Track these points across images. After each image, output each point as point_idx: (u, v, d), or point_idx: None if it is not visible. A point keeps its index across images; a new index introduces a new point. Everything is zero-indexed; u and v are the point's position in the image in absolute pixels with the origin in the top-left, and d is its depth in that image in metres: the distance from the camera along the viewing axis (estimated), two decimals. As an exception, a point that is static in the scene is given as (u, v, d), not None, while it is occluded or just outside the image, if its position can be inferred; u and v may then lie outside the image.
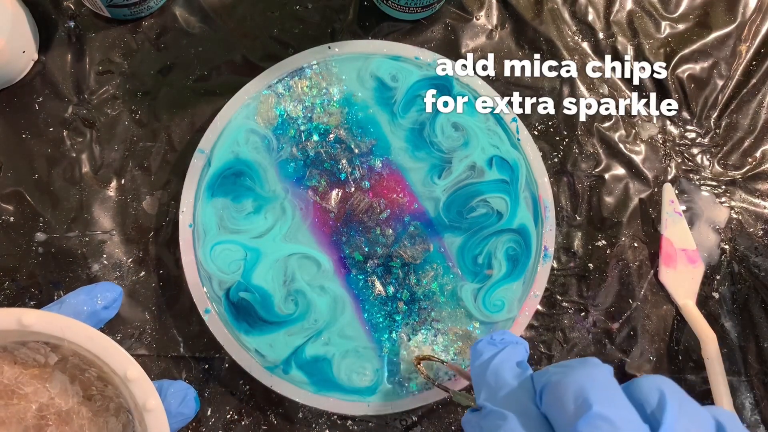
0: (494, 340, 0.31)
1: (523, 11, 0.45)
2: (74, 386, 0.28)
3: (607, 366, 0.25)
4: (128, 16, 0.43)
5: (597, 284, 0.43)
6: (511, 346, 0.30)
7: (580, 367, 0.24)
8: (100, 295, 0.30)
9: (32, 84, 0.42)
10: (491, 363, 0.29)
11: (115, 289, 0.31)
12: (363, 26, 0.44)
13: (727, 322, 0.43)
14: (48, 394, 0.28)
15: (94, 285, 0.31)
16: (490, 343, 0.31)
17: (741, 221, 0.44)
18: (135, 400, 0.26)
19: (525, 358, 0.30)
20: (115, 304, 0.31)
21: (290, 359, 0.38)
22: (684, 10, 0.46)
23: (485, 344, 0.30)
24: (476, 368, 0.29)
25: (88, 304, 0.30)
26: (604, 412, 0.22)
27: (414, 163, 0.41)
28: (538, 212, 0.41)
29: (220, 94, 0.43)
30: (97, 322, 0.30)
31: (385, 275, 0.40)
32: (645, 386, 0.24)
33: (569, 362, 0.26)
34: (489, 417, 0.26)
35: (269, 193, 0.40)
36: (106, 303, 0.30)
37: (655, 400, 0.23)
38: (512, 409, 0.25)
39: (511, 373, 0.28)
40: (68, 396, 0.28)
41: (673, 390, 0.24)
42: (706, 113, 0.45)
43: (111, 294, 0.31)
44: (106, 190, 0.42)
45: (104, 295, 0.30)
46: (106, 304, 0.30)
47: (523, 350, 0.30)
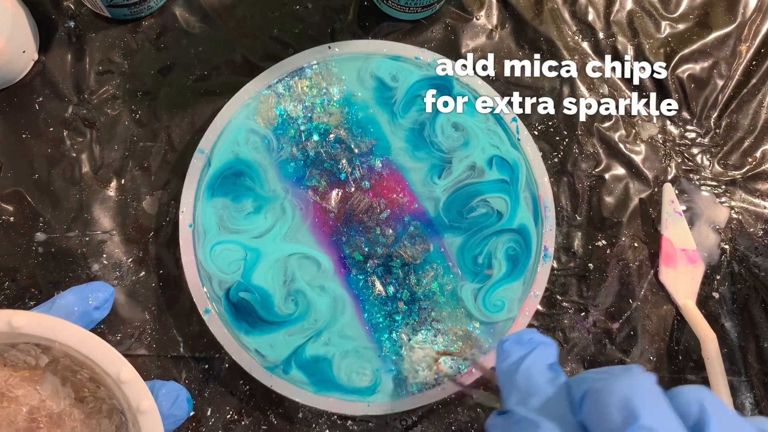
0: (522, 339, 0.29)
1: (523, 11, 0.45)
2: (66, 388, 0.28)
3: (652, 374, 0.24)
4: (128, 16, 0.43)
5: (597, 284, 0.43)
6: (541, 347, 0.28)
7: (624, 375, 0.23)
8: (91, 296, 0.30)
9: (32, 84, 0.42)
10: (521, 365, 0.27)
11: (106, 289, 0.30)
12: (363, 26, 0.44)
13: (727, 322, 0.43)
14: (39, 397, 0.27)
15: (86, 285, 0.30)
16: (518, 342, 0.28)
17: (741, 221, 0.44)
18: (128, 401, 0.26)
19: (556, 360, 0.28)
20: (106, 305, 0.30)
21: (290, 359, 0.38)
22: (684, 10, 0.46)
23: (513, 344, 0.28)
24: (504, 369, 0.28)
25: (80, 304, 0.29)
26: (651, 424, 0.21)
27: (414, 163, 0.41)
28: (538, 212, 0.41)
29: (220, 94, 0.43)
30: (88, 323, 0.30)
31: (385, 275, 0.40)
32: (686, 397, 0.23)
33: (611, 369, 0.25)
34: (520, 424, 0.25)
35: (269, 193, 0.40)
36: (97, 303, 0.30)
37: (696, 413, 0.22)
38: (547, 416, 0.24)
39: (543, 377, 0.26)
40: (60, 398, 0.28)
41: (713, 402, 0.23)
42: (706, 113, 0.45)
43: (102, 294, 0.30)
44: (106, 190, 0.42)
45: (95, 296, 0.30)
46: (98, 304, 0.30)
47: (554, 351, 0.28)
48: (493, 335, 0.39)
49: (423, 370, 0.39)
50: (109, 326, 0.40)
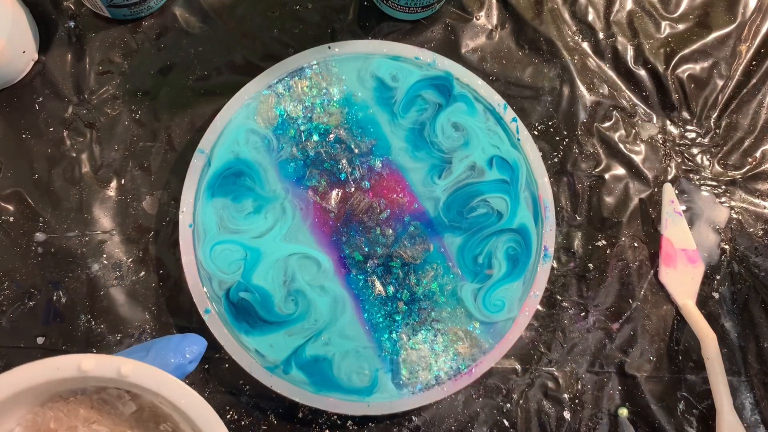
0: None
1: (523, 11, 0.45)
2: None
3: None
4: (128, 16, 0.43)
5: (597, 284, 0.43)
6: None
7: None
8: (188, 348, 0.29)
9: (32, 84, 0.42)
10: None
11: (201, 343, 0.29)
12: (363, 26, 0.44)
13: (727, 322, 0.43)
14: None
15: (183, 336, 0.29)
16: None
17: (741, 221, 0.44)
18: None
19: None
20: (199, 357, 0.29)
21: (290, 359, 0.38)
22: (684, 10, 0.47)
23: None
24: None
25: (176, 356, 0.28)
26: None
27: (414, 163, 0.41)
28: (538, 212, 0.41)
29: (220, 94, 0.43)
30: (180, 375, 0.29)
31: (385, 275, 0.40)
32: None
33: None
34: None
35: (269, 193, 0.40)
36: (192, 357, 0.29)
37: None
38: None
39: None
40: None
41: None
42: (706, 113, 0.45)
43: (198, 347, 0.29)
44: (106, 190, 0.42)
45: (191, 349, 0.29)
46: (192, 358, 0.29)
47: None
48: (493, 335, 0.39)
49: (422, 370, 0.39)
50: (109, 326, 0.40)
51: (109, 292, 0.40)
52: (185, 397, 0.25)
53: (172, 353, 0.28)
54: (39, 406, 0.26)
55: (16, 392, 0.24)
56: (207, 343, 0.29)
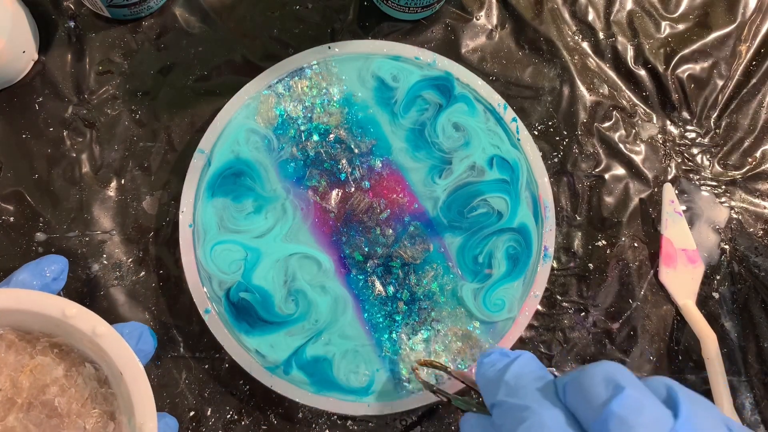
0: (506, 351, 0.30)
1: (523, 11, 0.45)
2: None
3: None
4: (128, 16, 0.43)
5: (597, 284, 0.43)
6: (527, 355, 0.29)
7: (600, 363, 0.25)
8: (47, 268, 0.30)
9: (32, 84, 0.42)
10: (510, 367, 0.28)
11: (60, 260, 0.31)
12: (363, 26, 0.44)
13: (727, 322, 0.43)
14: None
15: (39, 260, 0.31)
16: (504, 354, 0.30)
17: (741, 221, 0.44)
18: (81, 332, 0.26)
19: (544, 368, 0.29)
20: (62, 275, 0.31)
21: (291, 359, 0.38)
22: (684, 10, 0.47)
23: (499, 355, 0.30)
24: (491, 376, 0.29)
25: (38, 278, 0.30)
26: (635, 394, 0.23)
27: (414, 163, 0.41)
28: (538, 212, 0.41)
29: (220, 94, 0.43)
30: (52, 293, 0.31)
31: (385, 275, 0.40)
32: (653, 381, 0.25)
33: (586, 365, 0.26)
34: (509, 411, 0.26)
35: (270, 193, 0.40)
36: (54, 275, 0.30)
37: (664, 392, 0.24)
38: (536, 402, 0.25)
39: (532, 376, 0.27)
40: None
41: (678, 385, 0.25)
42: (706, 113, 0.45)
43: (58, 265, 0.31)
44: (106, 190, 0.42)
45: (51, 268, 0.30)
46: (55, 275, 0.31)
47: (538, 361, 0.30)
48: (493, 335, 0.39)
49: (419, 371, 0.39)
50: (109, 326, 0.40)
51: (109, 292, 0.40)
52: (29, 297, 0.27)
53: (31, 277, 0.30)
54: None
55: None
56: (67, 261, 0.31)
